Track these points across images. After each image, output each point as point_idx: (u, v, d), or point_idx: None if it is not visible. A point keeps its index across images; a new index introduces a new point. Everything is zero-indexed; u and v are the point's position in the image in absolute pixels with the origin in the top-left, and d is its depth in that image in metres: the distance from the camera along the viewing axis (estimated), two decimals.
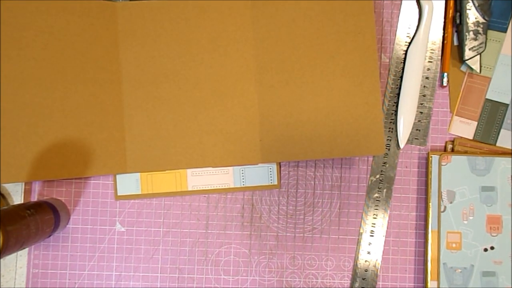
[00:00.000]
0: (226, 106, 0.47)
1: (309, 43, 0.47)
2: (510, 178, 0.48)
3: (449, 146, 0.50)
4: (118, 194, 0.49)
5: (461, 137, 0.50)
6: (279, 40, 0.47)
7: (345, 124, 0.46)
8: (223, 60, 0.47)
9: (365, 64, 0.46)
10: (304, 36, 0.47)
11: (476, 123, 0.50)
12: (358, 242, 0.49)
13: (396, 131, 0.50)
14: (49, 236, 0.46)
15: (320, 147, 0.46)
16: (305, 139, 0.46)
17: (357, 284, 0.49)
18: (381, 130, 0.46)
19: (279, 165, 0.49)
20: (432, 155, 0.48)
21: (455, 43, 0.50)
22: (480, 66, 0.49)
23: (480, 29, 0.48)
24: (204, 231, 0.49)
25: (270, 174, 0.49)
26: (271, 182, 0.49)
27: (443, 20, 0.50)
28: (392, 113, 0.50)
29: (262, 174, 0.49)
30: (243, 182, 0.49)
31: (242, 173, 0.49)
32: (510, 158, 0.48)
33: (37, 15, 0.45)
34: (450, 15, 0.49)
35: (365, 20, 0.46)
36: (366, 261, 0.49)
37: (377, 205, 0.49)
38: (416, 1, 0.50)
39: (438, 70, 0.50)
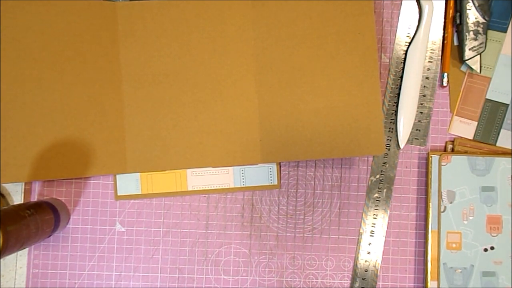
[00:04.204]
0: (226, 106, 0.47)
1: (309, 43, 0.47)
2: (510, 178, 0.48)
3: (449, 146, 0.50)
4: (118, 194, 0.49)
5: (461, 137, 0.50)
6: (279, 40, 0.47)
7: (345, 124, 0.46)
8: (223, 60, 0.47)
9: (365, 64, 0.46)
10: (304, 36, 0.47)
11: (476, 123, 0.50)
12: (358, 242, 0.49)
13: (396, 131, 0.50)
14: (49, 236, 0.46)
15: (320, 147, 0.46)
16: (305, 139, 0.46)
17: (357, 284, 0.49)
18: (381, 130, 0.46)
19: (279, 165, 0.49)
20: (432, 155, 0.48)
21: (455, 43, 0.50)
22: (480, 66, 0.49)
23: (480, 29, 0.48)
24: (204, 231, 0.49)
25: (270, 174, 0.49)
26: (271, 182, 0.49)
27: (443, 20, 0.50)
28: (392, 113, 0.50)
29: (262, 174, 0.49)
30: (243, 182, 0.49)
31: (242, 173, 0.49)
32: (510, 158, 0.48)
33: (37, 15, 0.45)
34: (450, 15, 0.49)
35: (365, 20, 0.46)
36: (366, 261, 0.49)
37: (377, 205, 0.49)
38: (416, 1, 0.50)
39: (438, 70, 0.50)
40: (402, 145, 0.49)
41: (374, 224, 0.49)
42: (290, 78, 0.47)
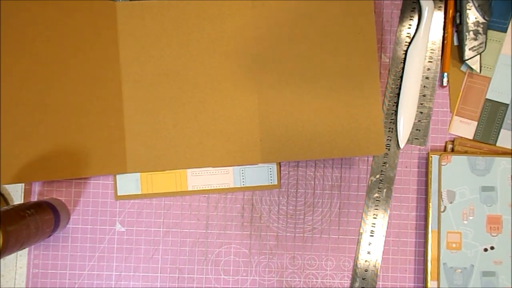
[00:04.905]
0: (226, 106, 0.47)
1: (309, 43, 0.47)
2: (510, 178, 0.48)
3: (449, 146, 0.50)
4: (118, 194, 0.49)
5: (461, 137, 0.50)
6: (280, 40, 0.47)
7: (345, 124, 0.46)
8: (223, 60, 0.47)
9: (365, 64, 0.46)
10: (304, 36, 0.47)
11: (476, 123, 0.50)
12: (358, 242, 0.49)
13: (396, 131, 0.50)
14: (49, 236, 0.46)
15: (320, 147, 0.46)
16: (305, 139, 0.46)
17: (357, 284, 0.49)
18: (381, 130, 0.46)
19: (279, 165, 0.49)
20: (432, 155, 0.48)
21: (455, 43, 0.50)
22: (480, 66, 0.49)
23: (480, 29, 0.48)
24: (204, 231, 0.49)
25: (270, 174, 0.49)
26: (271, 182, 0.49)
27: (443, 20, 0.50)
28: (392, 113, 0.50)
29: (262, 174, 0.49)
30: (243, 182, 0.49)
31: (242, 173, 0.49)
32: (510, 158, 0.48)
33: (37, 15, 0.45)
34: (450, 15, 0.49)
35: (365, 20, 0.46)
36: (366, 261, 0.49)
37: (377, 205, 0.49)
38: (416, 1, 0.50)
39: (438, 70, 0.50)
40: (402, 145, 0.49)
41: (374, 224, 0.49)
42: (290, 78, 0.47)
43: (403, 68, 0.50)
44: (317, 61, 0.47)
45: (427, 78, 0.50)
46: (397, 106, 0.50)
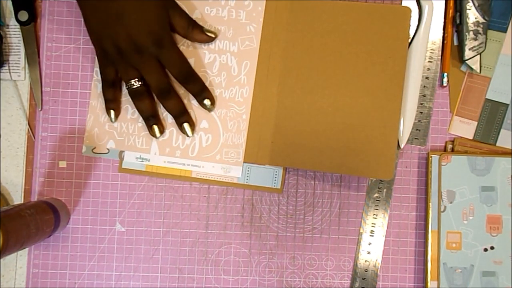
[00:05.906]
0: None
1: (339, 58, 0.46)
2: (510, 178, 0.48)
3: (449, 146, 0.50)
4: (123, 166, 0.49)
5: (461, 137, 0.50)
6: (310, 48, 0.46)
7: (359, 143, 0.45)
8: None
9: (390, 89, 0.45)
10: (335, 49, 0.46)
11: (476, 123, 0.50)
12: (358, 242, 0.49)
13: None
14: (49, 236, 0.46)
15: (329, 160, 0.46)
16: (316, 150, 0.46)
17: (357, 284, 0.49)
18: (393, 156, 0.45)
19: (286, 170, 0.49)
20: (432, 155, 0.48)
21: (455, 43, 0.50)
22: (480, 66, 0.49)
23: (480, 29, 0.48)
24: (204, 231, 0.49)
25: (275, 178, 0.49)
26: (274, 186, 0.49)
27: (443, 20, 0.50)
28: None
29: (267, 176, 0.49)
30: (247, 179, 0.49)
31: (248, 171, 0.49)
32: (510, 158, 0.48)
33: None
34: (450, 15, 0.49)
35: (399, 45, 0.45)
36: (366, 261, 0.49)
37: (377, 205, 0.49)
38: (416, 1, 0.50)
39: (438, 70, 0.50)
40: (402, 145, 0.49)
41: (374, 224, 0.49)
42: (313, 87, 0.46)
43: None
44: (343, 76, 0.46)
45: (427, 78, 0.50)
46: None
